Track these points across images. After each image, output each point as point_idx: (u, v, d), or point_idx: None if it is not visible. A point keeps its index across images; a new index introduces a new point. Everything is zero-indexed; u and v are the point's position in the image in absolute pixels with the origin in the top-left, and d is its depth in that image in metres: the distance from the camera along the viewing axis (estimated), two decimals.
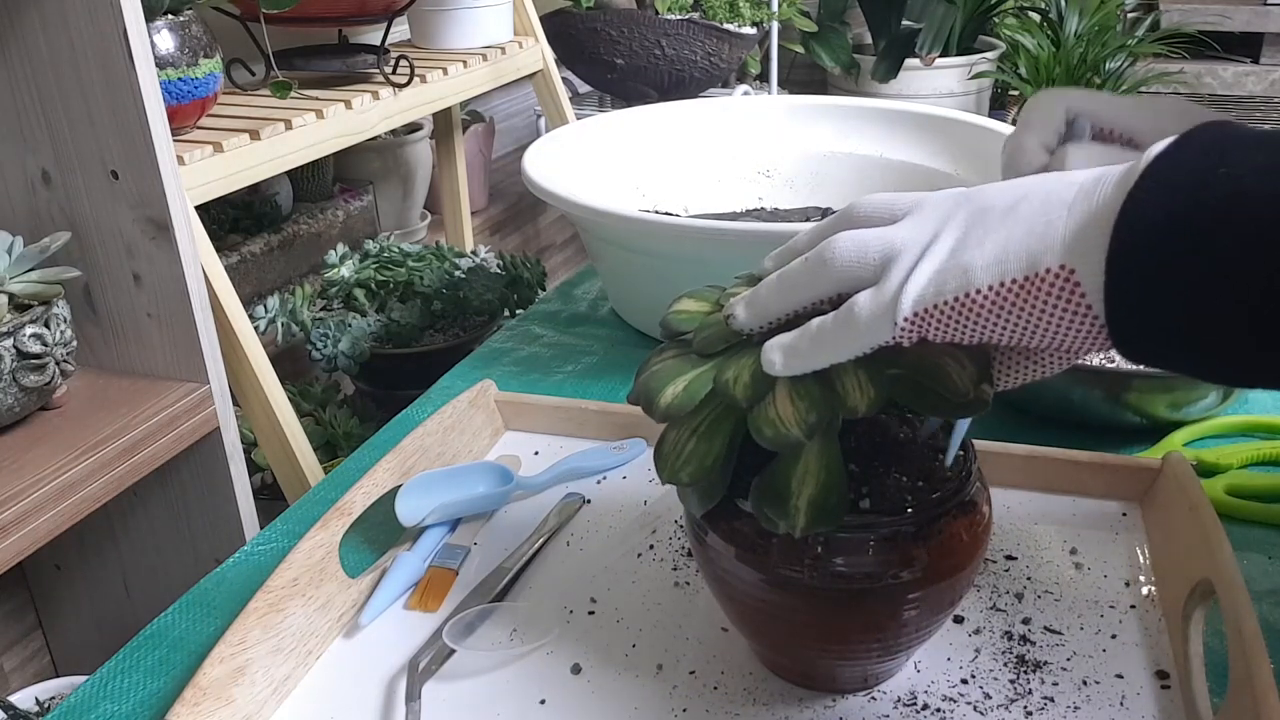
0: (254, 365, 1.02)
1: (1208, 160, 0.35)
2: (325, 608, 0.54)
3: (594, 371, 0.84)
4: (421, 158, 1.82)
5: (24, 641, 1.14)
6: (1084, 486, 0.63)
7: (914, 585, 0.44)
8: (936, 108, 1.00)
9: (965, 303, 0.38)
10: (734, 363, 0.43)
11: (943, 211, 0.40)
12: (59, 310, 0.83)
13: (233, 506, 0.98)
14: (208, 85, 1.06)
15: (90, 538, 1.04)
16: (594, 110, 2.20)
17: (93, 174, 0.87)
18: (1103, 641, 0.52)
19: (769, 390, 0.42)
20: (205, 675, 0.47)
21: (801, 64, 2.96)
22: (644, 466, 0.68)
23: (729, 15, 2.01)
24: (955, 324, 0.39)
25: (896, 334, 0.39)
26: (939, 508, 0.44)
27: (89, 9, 0.81)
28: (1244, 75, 2.80)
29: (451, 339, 1.45)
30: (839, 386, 0.41)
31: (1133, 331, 0.36)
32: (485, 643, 0.53)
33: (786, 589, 0.45)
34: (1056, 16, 2.58)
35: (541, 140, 0.93)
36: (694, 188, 1.02)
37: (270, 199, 1.53)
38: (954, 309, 0.38)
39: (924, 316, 0.39)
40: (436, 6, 1.54)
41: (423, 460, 0.64)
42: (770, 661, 0.51)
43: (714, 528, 0.46)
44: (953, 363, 0.42)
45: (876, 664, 0.48)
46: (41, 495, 0.79)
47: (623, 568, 0.59)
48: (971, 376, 0.41)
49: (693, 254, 0.76)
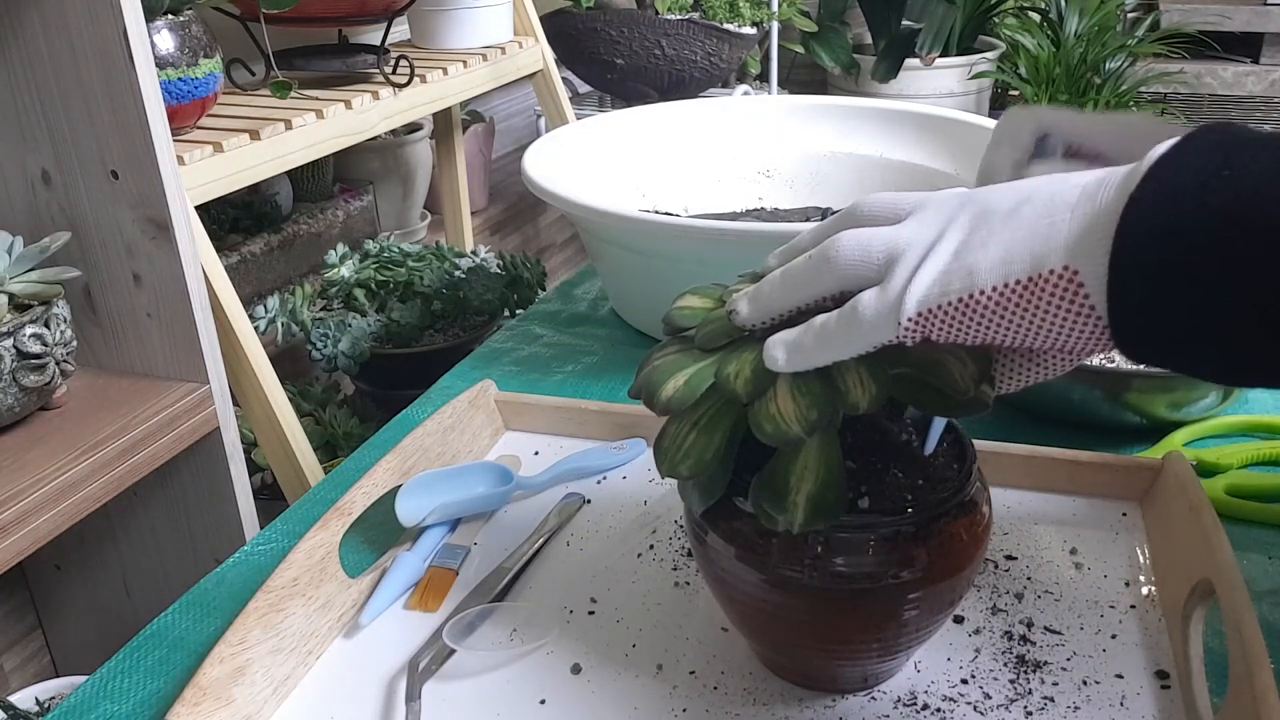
0: (254, 365, 1.02)
1: (1211, 162, 0.35)
2: (325, 608, 0.54)
3: (594, 371, 0.84)
4: (421, 158, 1.83)
5: (24, 641, 1.14)
6: (1084, 486, 0.63)
7: (914, 585, 0.44)
8: (936, 108, 1.00)
9: (969, 303, 0.38)
10: (736, 358, 0.44)
11: (946, 212, 0.40)
12: (59, 310, 0.83)
13: (233, 506, 0.98)
14: (208, 85, 1.06)
15: (90, 538, 1.04)
16: (594, 110, 2.20)
17: (93, 174, 0.87)
18: (1103, 641, 0.52)
19: (770, 386, 0.42)
20: (205, 675, 0.47)
21: (801, 64, 2.96)
22: (644, 466, 0.68)
23: (729, 15, 2.01)
24: (959, 324, 0.39)
25: (900, 333, 0.39)
26: (939, 508, 0.44)
27: (89, 9, 0.81)
28: (1244, 75, 2.80)
29: (451, 339, 1.45)
30: (840, 383, 0.41)
31: (1136, 332, 0.36)
32: (485, 643, 0.53)
33: (786, 589, 0.44)
34: (1056, 16, 2.58)
35: (541, 140, 0.93)
36: (694, 188, 1.02)
37: (270, 199, 1.53)
38: (958, 309, 0.38)
39: (928, 317, 0.39)
40: (436, 6, 1.54)
41: (423, 460, 0.64)
42: (770, 661, 0.51)
43: (714, 527, 0.46)
44: (954, 361, 0.42)
45: (876, 664, 0.48)
46: (41, 495, 0.79)
47: (623, 568, 0.59)
48: (973, 375, 0.41)
49: (693, 254, 0.76)
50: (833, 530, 0.43)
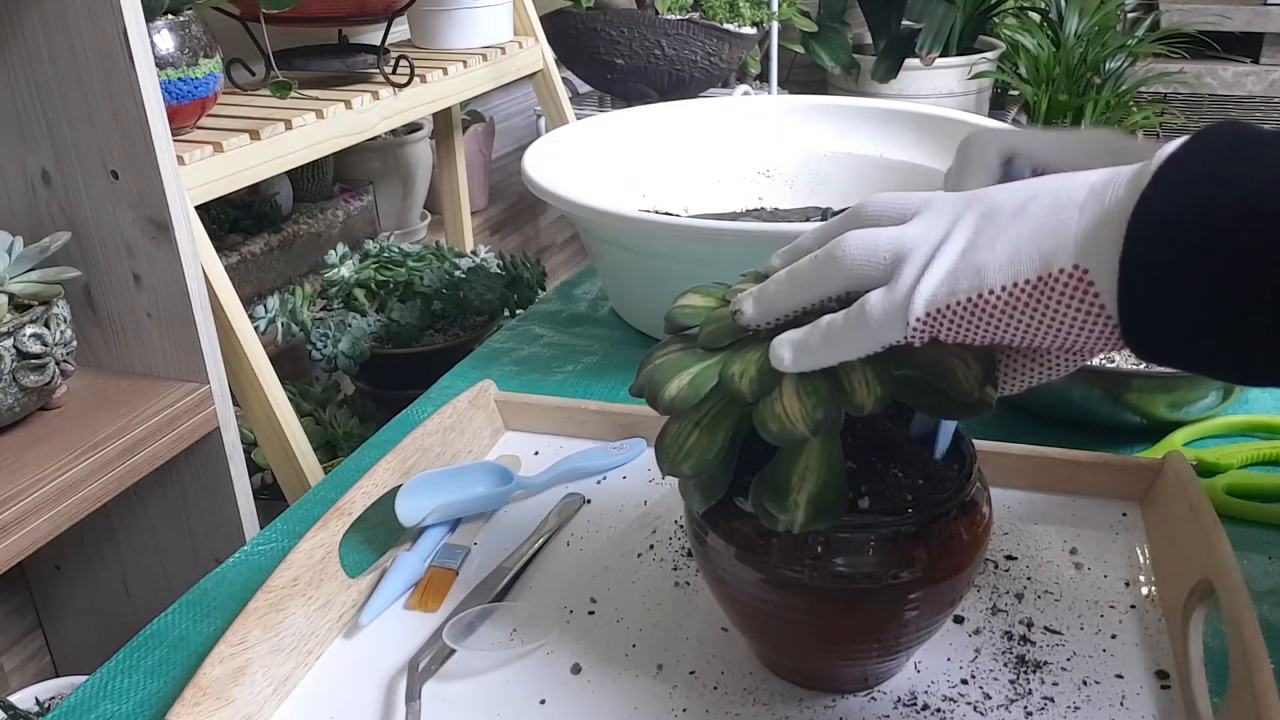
0: (254, 365, 1.02)
1: (1221, 159, 0.35)
2: (325, 608, 0.54)
3: (594, 371, 0.84)
4: (421, 158, 1.82)
5: (24, 641, 1.14)
6: (1084, 486, 0.63)
7: (914, 585, 0.44)
8: (936, 108, 1.00)
9: (978, 303, 0.38)
10: (740, 357, 0.43)
11: (953, 211, 0.40)
12: (59, 310, 0.83)
13: (233, 506, 0.98)
14: (208, 85, 1.06)
15: (90, 538, 1.04)
16: (594, 110, 2.20)
17: (93, 174, 0.87)
18: (1103, 641, 0.52)
19: (775, 386, 0.42)
20: (205, 675, 0.47)
21: (801, 64, 2.96)
22: (644, 466, 0.68)
23: (729, 15, 2.01)
24: (967, 324, 0.39)
25: (908, 334, 0.39)
26: (939, 508, 0.44)
27: (89, 9, 0.81)
28: (1244, 75, 2.80)
29: (451, 339, 1.45)
30: (846, 384, 0.41)
31: (1147, 328, 0.36)
32: (485, 643, 0.53)
33: (786, 589, 0.44)
34: (1056, 16, 2.58)
35: (541, 140, 0.93)
36: (694, 188, 1.02)
37: (270, 199, 1.53)
38: (966, 309, 0.38)
39: (936, 317, 0.39)
40: (436, 6, 1.54)
41: (423, 460, 0.64)
42: (770, 661, 0.51)
43: (714, 527, 0.46)
44: (959, 363, 0.42)
45: (877, 664, 0.48)
46: (41, 495, 0.79)
47: (623, 568, 0.59)
48: (977, 377, 0.41)
49: (693, 254, 0.76)
50: (833, 530, 0.43)
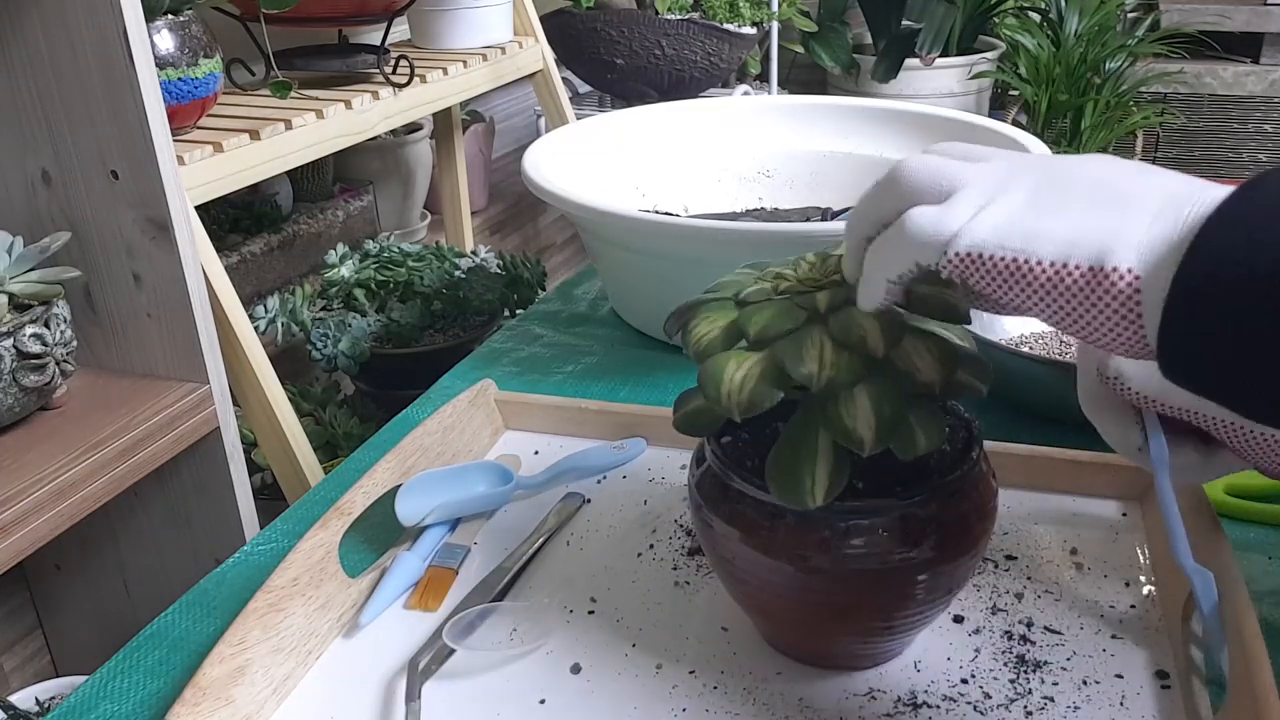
0: (254, 365, 1.02)
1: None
2: (325, 608, 0.54)
3: (594, 371, 0.84)
4: (421, 158, 1.83)
5: (24, 641, 1.14)
6: (1084, 486, 0.63)
7: (922, 566, 0.44)
8: (936, 108, 1.00)
9: (1022, 267, 0.37)
10: (806, 351, 0.43)
11: (1020, 167, 0.40)
12: (59, 310, 0.83)
13: (233, 506, 0.98)
14: (208, 85, 1.06)
15: (90, 538, 1.04)
16: (594, 110, 2.20)
17: (93, 174, 0.87)
18: (1103, 641, 0.52)
19: (850, 385, 0.42)
20: (205, 675, 0.47)
21: (801, 64, 2.96)
22: (644, 466, 0.68)
23: (729, 15, 2.01)
24: (1001, 282, 0.38)
25: (942, 263, 0.39)
26: (948, 489, 0.45)
27: (89, 9, 0.81)
28: (1244, 75, 2.80)
29: (451, 339, 1.45)
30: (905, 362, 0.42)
31: (1179, 355, 0.36)
32: (485, 643, 0.53)
33: (795, 569, 0.45)
34: (1056, 16, 2.58)
35: (541, 140, 0.93)
36: (694, 188, 1.02)
37: (270, 199, 1.54)
38: (1009, 268, 0.38)
39: (975, 261, 0.38)
40: (436, 6, 1.54)
41: (423, 460, 0.64)
42: (775, 639, 0.51)
43: (719, 511, 0.47)
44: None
45: (885, 642, 0.49)
46: (41, 495, 0.79)
47: (623, 567, 0.59)
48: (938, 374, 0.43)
49: (693, 254, 0.76)
50: (841, 513, 0.44)
